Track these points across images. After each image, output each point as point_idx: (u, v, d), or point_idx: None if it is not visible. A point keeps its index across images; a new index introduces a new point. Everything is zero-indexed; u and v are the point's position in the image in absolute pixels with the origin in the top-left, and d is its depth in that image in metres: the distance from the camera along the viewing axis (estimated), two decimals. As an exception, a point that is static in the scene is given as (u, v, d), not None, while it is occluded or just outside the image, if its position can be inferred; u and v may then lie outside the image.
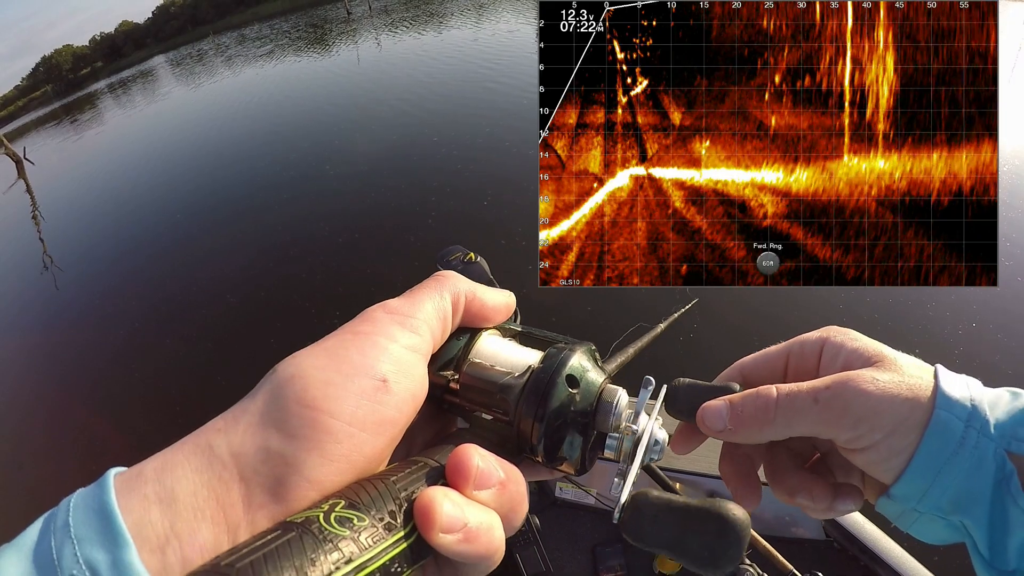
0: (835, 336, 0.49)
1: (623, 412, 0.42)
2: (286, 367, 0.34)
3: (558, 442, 0.40)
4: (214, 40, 59.11)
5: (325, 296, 6.24)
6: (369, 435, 0.33)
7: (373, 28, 29.18)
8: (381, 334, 0.37)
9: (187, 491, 0.29)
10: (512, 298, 0.46)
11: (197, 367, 6.02)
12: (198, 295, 7.33)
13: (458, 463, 0.34)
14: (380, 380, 0.35)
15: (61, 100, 65.99)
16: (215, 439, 0.31)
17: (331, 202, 8.72)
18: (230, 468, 0.30)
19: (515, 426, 0.40)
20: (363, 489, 0.31)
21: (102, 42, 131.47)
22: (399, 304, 0.40)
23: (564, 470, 0.42)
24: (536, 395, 0.40)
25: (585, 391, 0.41)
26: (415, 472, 0.34)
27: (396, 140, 10.38)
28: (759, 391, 0.46)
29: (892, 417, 0.42)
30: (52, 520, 0.28)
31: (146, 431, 5.17)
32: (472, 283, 0.44)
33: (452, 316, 0.42)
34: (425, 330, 0.39)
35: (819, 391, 0.44)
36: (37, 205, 14.01)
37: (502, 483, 0.35)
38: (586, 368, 0.42)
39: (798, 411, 0.44)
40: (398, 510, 0.31)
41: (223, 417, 0.33)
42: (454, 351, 0.43)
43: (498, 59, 14.18)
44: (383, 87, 15.21)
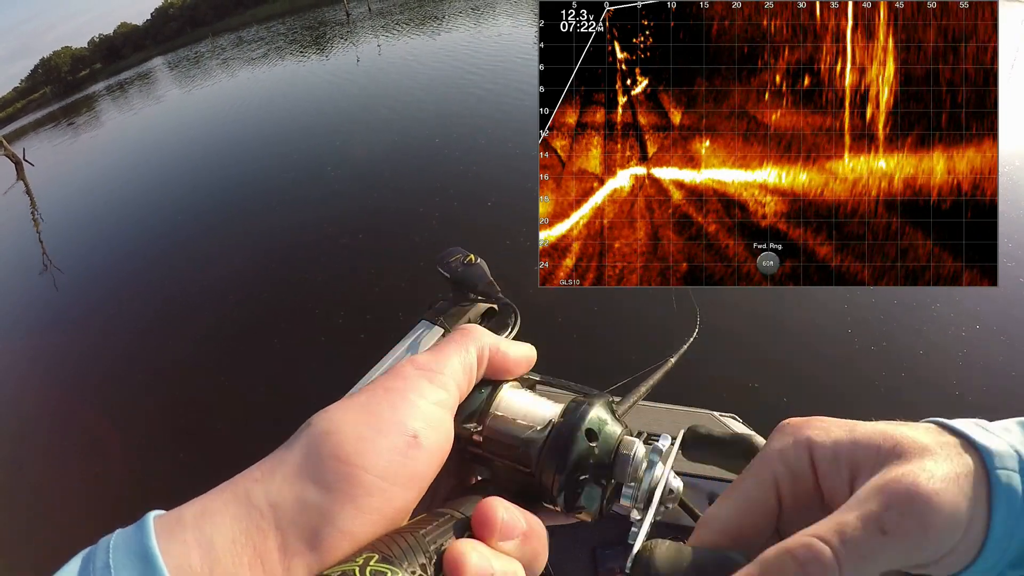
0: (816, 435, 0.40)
1: (640, 462, 0.43)
2: (320, 421, 0.36)
3: (577, 493, 0.42)
4: (213, 42, 59.10)
5: (329, 297, 6.25)
6: (400, 488, 0.35)
7: (372, 30, 29.19)
8: (411, 390, 0.38)
9: (226, 538, 0.30)
10: (533, 351, 0.47)
11: (198, 367, 6.03)
12: (199, 296, 7.34)
13: (484, 516, 0.35)
14: (411, 436, 0.36)
15: (60, 102, 65.92)
16: (253, 489, 0.32)
17: (333, 204, 8.73)
18: (268, 518, 0.31)
19: (537, 477, 0.42)
20: (395, 543, 0.33)
21: (101, 44, 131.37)
22: (427, 360, 0.41)
23: (582, 518, 0.44)
24: (558, 449, 0.41)
25: (604, 444, 0.43)
26: (443, 525, 0.35)
27: (397, 142, 10.41)
28: (795, 550, 0.33)
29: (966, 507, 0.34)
30: (91, 560, 0.29)
31: (147, 431, 5.18)
32: (496, 337, 0.45)
33: (477, 369, 0.43)
34: (452, 386, 0.41)
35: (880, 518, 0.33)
36: (36, 206, 14.00)
37: (525, 534, 0.36)
38: (604, 421, 0.43)
39: (867, 556, 0.32)
40: (428, 563, 0.32)
41: (259, 467, 0.34)
42: (477, 403, 0.44)
43: (498, 59, 14.20)
44: (382, 89, 15.25)
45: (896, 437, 0.37)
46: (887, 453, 0.37)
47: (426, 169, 8.83)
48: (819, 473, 0.39)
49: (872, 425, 0.39)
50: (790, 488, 0.40)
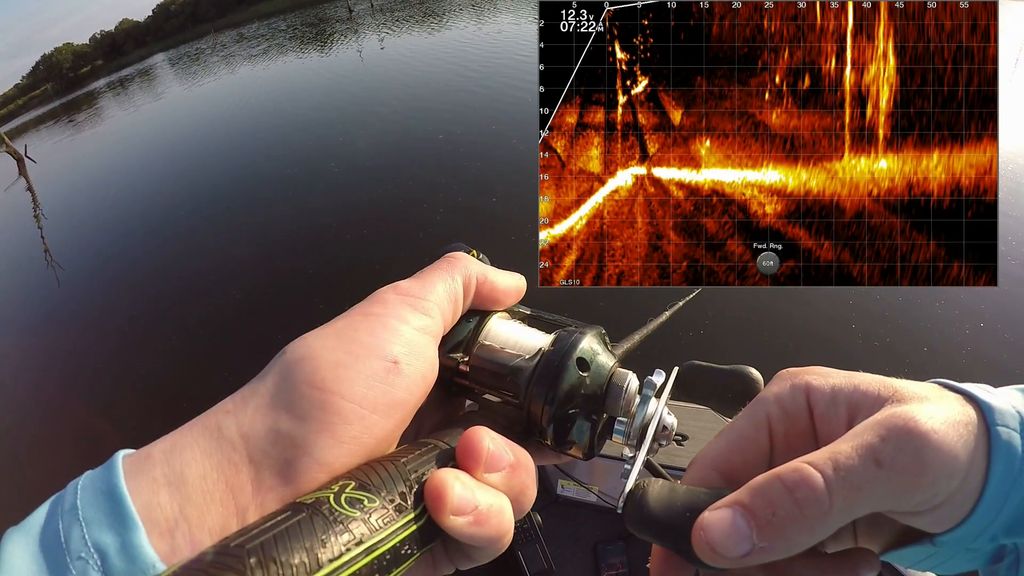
0: (815, 380, 0.39)
1: (633, 396, 0.42)
2: (296, 348, 0.34)
3: (568, 425, 0.40)
4: (215, 38, 59.01)
5: (333, 291, 6.24)
6: (380, 416, 0.33)
7: (375, 26, 29.14)
8: (392, 316, 0.37)
9: (196, 473, 0.29)
10: (523, 281, 0.46)
11: (201, 362, 6.05)
12: (201, 291, 7.35)
13: (468, 445, 0.34)
14: (391, 362, 0.35)
15: (61, 98, 65.91)
16: (224, 421, 0.31)
17: (336, 198, 8.73)
18: (239, 450, 0.30)
19: (525, 408, 0.40)
20: (373, 471, 0.32)
21: (102, 40, 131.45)
22: (410, 286, 0.40)
23: (573, 454, 0.42)
24: (547, 378, 0.40)
25: (595, 374, 0.41)
26: (425, 454, 0.34)
27: (399, 138, 10.40)
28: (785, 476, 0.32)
29: (966, 454, 0.33)
30: (60, 503, 0.28)
31: (149, 426, 5.13)
32: (483, 265, 0.44)
33: (463, 298, 0.42)
34: (436, 312, 0.39)
35: (876, 450, 0.32)
36: (38, 203, 14.01)
37: (512, 466, 0.35)
38: (596, 351, 0.42)
39: (860, 487, 0.31)
40: (408, 492, 0.31)
41: (232, 399, 0.33)
42: (464, 333, 0.43)
43: (499, 57, 14.17)
44: (385, 85, 15.22)
45: (896, 386, 0.36)
46: (886, 398, 0.36)
47: (430, 165, 8.83)
48: (815, 415, 0.38)
49: (872, 376, 0.38)
50: (783, 428, 0.39)
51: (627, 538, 2.28)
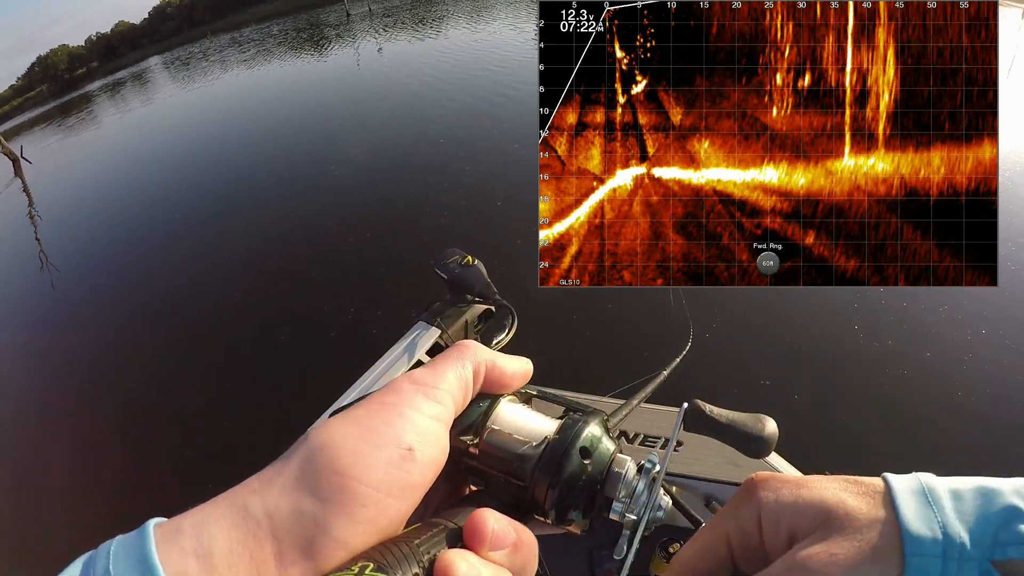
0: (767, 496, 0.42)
1: (631, 481, 0.44)
2: (317, 435, 0.36)
3: (568, 506, 0.43)
4: (211, 41, 59.04)
5: (337, 293, 6.23)
6: (394, 500, 0.36)
7: (373, 31, 29.19)
8: (407, 405, 0.39)
9: (223, 547, 0.31)
10: (530, 365, 0.48)
11: (197, 363, 6.02)
12: (199, 293, 7.34)
13: (475, 526, 0.36)
14: (406, 449, 0.37)
15: (57, 100, 65.83)
16: (250, 499, 0.33)
17: (338, 203, 8.73)
18: (264, 527, 0.32)
19: (530, 491, 0.43)
20: (388, 552, 0.33)
21: (98, 42, 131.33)
22: (423, 375, 0.42)
23: (572, 530, 0.45)
24: (551, 465, 0.42)
25: (597, 461, 0.44)
26: (436, 535, 0.36)
27: (399, 142, 10.41)
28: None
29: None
30: (91, 566, 0.30)
31: (145, 429, 5.17)
32: (492, 352, 0.46)
33: (473, 384, 0.44)
34: (448, 400, 0.41)
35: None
36: (34, 204, 14.00)
37: (515, 544, 0.37)
38: (599, 439, 0.45)
39: None
40: (421, 572, 0.33)
41: (257, 478, 0.35)
42: (474, 417, 0.45)
43: (500, 59, 14.22)
44: (384, 89, 15.22)
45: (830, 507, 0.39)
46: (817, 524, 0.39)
47: (432, 169, 8.83)
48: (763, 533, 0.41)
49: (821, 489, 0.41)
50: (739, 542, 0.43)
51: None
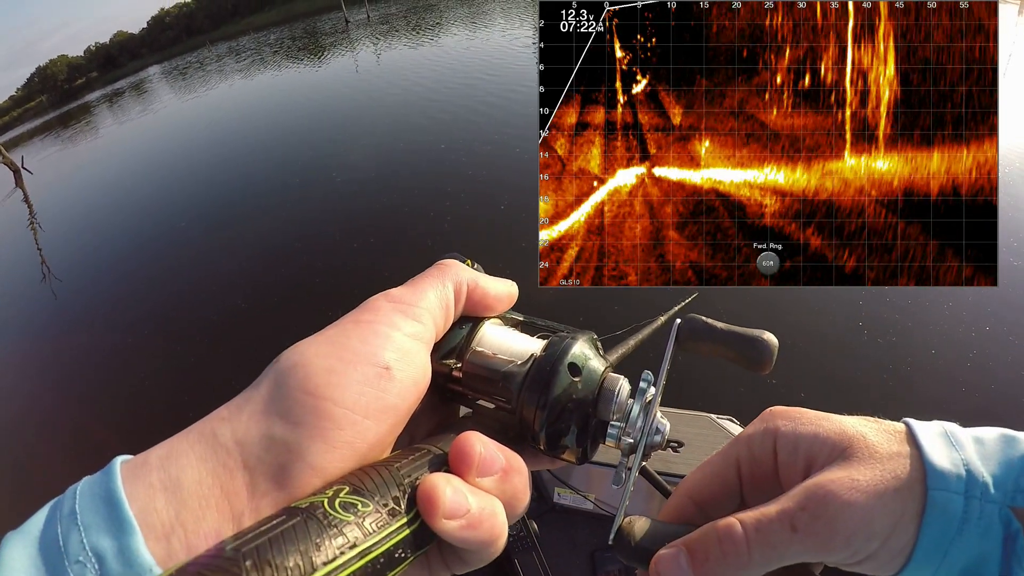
0: (784, 426, 0.42)
1: (625, 400, 0.42)
2: (288, 356, 0.35)
3: (560, 430, 0.41)
4: (210, 50, 59.22)
5: (341, 299, 6.21)
6: (372, 422, 0.34)
7: (372, 38, 29.27)
8: (383, 322, 0.37)
9: (192, 479, 0.29)
10: (514, 287, 0.47)
11: (202, 372, 6.01)
12: (203, 301, 7.33)
13: (460, 450, 0.34)
14: (383, 367, 0.35)
15: (56, 110, 65.94)
16: (219, 427, 0.32)
17: (341, 209, 8.74)
18: (234, 456, 0.31)
19: (517, 414, 0.41)
20: (367, 476, 0.32)
21: (97, 52, 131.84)
22: (401, 293, 0.40)
23: (566, 459, 0.43)
24: (539, 383, 0.40)
25: (587, 379, 0.42)
26: (418, 459, 0.34)
27: (401, 148, 10.43)
28: (720, 529, 0.38)
29: (886, 520, 0.36)
30: (58, 508, 0.29)
31: (147, 436, 5.11)
32: (474, 272, 0.44)
33: (455, 305, 0.43)
34: (428, 318, 0.40)
35: (794, 516, 0.37)
36: (35, 214, 14.01)
37: (504, 470, 0.35)
38: (588, 356, 0.42)
39: (775, 546, 0.37)
40: (402, 496, 0.32)
41: (227, 406, 0.33)
42: (456, 340, 0.43)
43: (499, 62, 14.27)
44: (384, 95, 15.25)
45: (852, 438, 0.39)
46: (838, 453, 0.39)
47: (434, 174, 8.85)
48: (778, 461, 0.42)
49: (841, 422, 0.41)
50: (749, 469, 0.43)
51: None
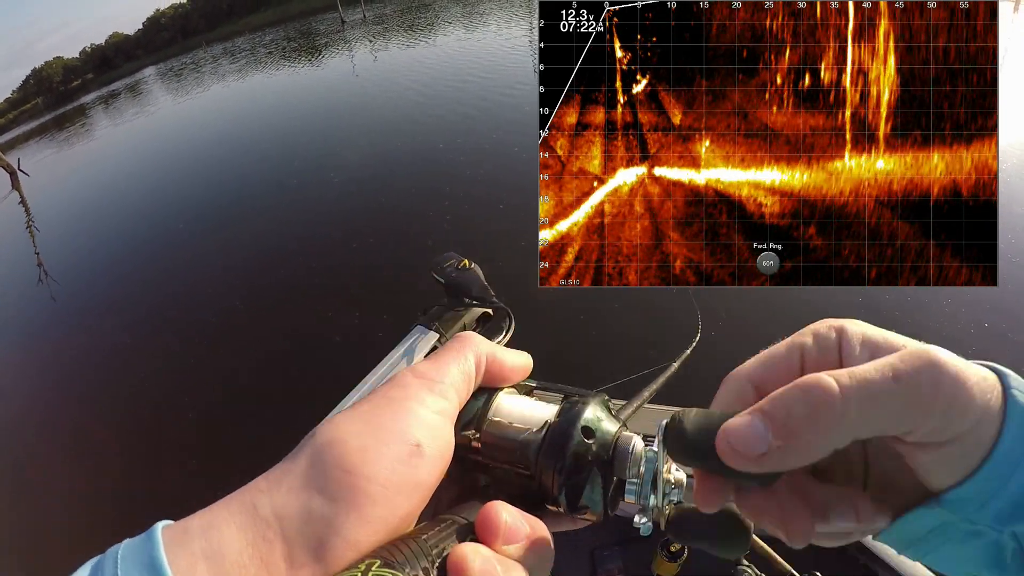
0: (850, 325, 0.40)
1: (640, 456, 0.43)
2: (324, 432, 0.36)
3: (579, 491, 0.42)
4: (206, 51, 59.15)
5: (343, 298, 6.21)
6: (403, 497, 0.35)
7: (369, 37, 29.26)
8: (412, 399, 0.39)
9: (232, 549, 0.30)
10: (529, 359, 0.48)
11: (201, 373, 5.99)
12: (201, 302, 7.32)
13: (487, 520, 0.35)
14: (414, 445, 0.36)
15: (52, 112, 65.91)
16: (259, 499, 0.33)
17: (339, 209, 8.73)
18: (274, 528, 0.32)
19: (537, 479, 0.42)
20: (397, 549, 0.33)
21: (93, 54, 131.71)
22: (427, 369, 0.42)
23: (587, 518, 0.44)
24: (555, 448, 0.41)
25: (601, 440, 0.43)
26: (445, 530, 0.35)
27: (398, 148, 10.42)
28: (805, 384, 0.35)
29: (981, 400, 0.34)
30: (100, 569, 0.29)
31: (148, 438, 5.16)
32: (492, 345, 0.46)
33: (474, 377, 0.44)
34: (452, 394, 0.41)
35: (895, 367, 0.34)
36: (32, 216, 13.99)
37: (529, 537, 0.37)
38: (600, 419, 0.44)
39: (875, 397, 0.33)
40: (431, 567, 0.32)
41: (265, 478, 0.34)
42: (474, 411, 0.44)
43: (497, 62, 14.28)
44: (381, 95, 15.25)
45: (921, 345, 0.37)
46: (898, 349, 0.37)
47: (432, 173, 8.85)
48: (843, 354, 0.39)
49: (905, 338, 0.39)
50: (814, 359, 0.40)
51: (623, 543, 2.27)
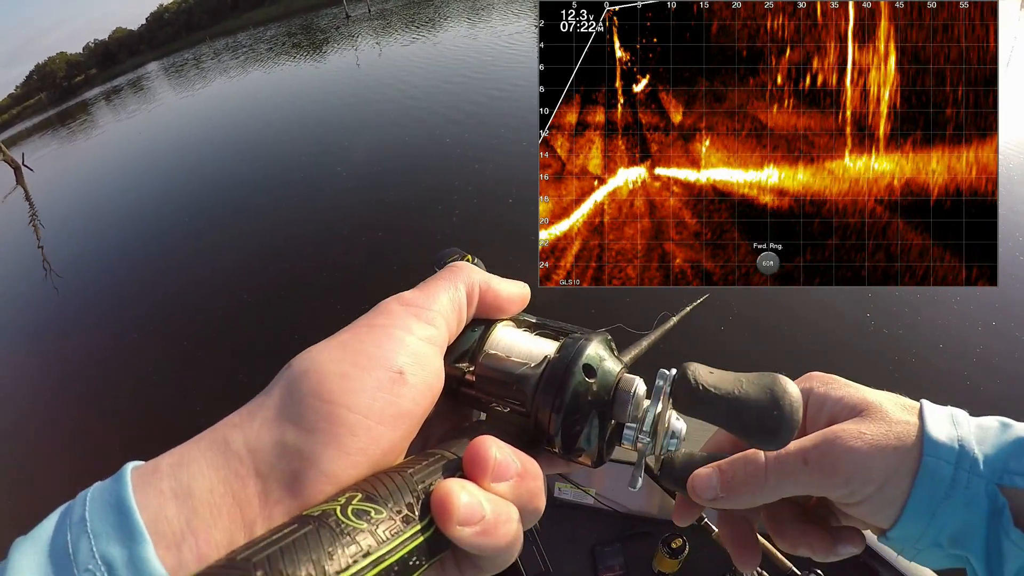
0: (818, 387, 0.49)
1: (641, 401, 0.42)
2: (301, 361, 0.34)
3: (576, 433, 0.40)
4: (210, 46, 59.11)
5: (350, 292, 6.21)
6: (386, 428, 0.33)
7: (373, 32, 29.21)
8: (397, 326, 0.37)
9: (203, 487, 0.29)
10: (527, 289, 0.46)
11: (206, 367, 6.00)
12: (207, 297, 7.33)
13: (475, 455, 0.34)
14: (396, 372, 0.34)
15: (56, 107, 65.97)
16: (231, 434, 0.31)
17: (347, 204, 8.71)
18: (246, 463, 0.30)
19: (532, 417, 0.40)
20: (380, 482, 0.31)
21: (96, 49, 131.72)
22: (414, 296, 0.39)
23: (582, 462, 0.42)
24: (553, 385, 0.39)
25: (602, 380, 0.41)
26: (432, 464, 0.34)
27: (405, 142, 10.40)
28: (747, 456, 0.46)
29: (881, 470, 0.43)
30: (68, 514, 0.28)
31: (150, 434, 5.16)
32: (486, 274, 0.44)
33: (467, 307, 0.42)
34: (441, 322, 0.39)
35: (807, 452, 0.45)
36: (36, 211, 14.01)
37: (520, 475, 0.35)
38: (603, 357, 0.42)
39: (788, 474, 0.45)
40: (415, 503, 0.31)
41: (239, 413, 0.32)
42: (469, 342, 0.43)
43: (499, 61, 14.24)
44: (387, 90, 15.21)
45: (870, 403, 0.46)
46: (855, 413, 0.46)
47: (441, 168, 8.82)
48: (807, 414, 0.48)
49: (866, 390, 0.48)
50: None
51: (624, 540, 2.27)
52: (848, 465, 0.43)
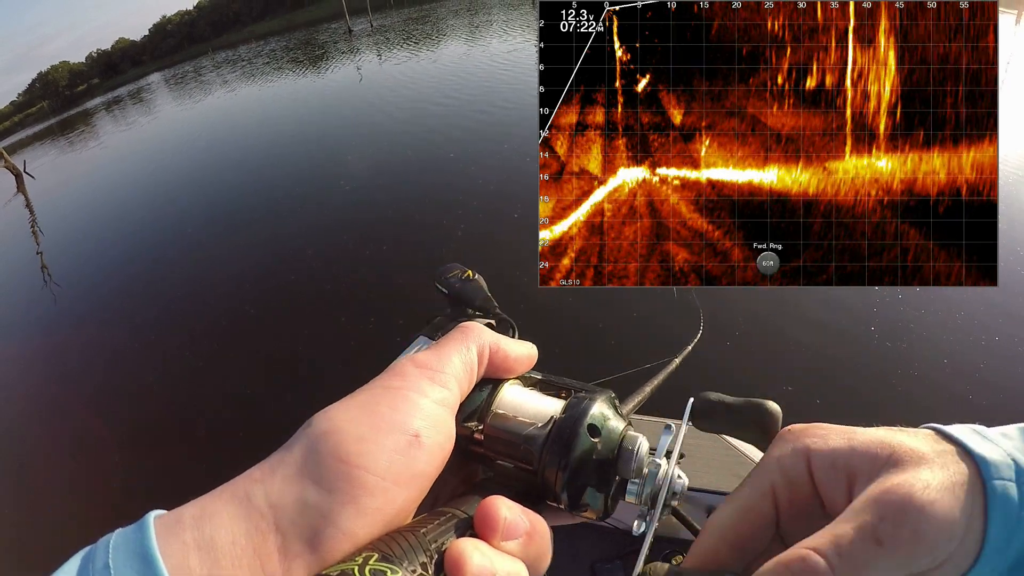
0: (814, 443, 0.40)
1: (644, 458, 0.43)
2: (321, 421, 0.35)
3: (581, 489, 0.41)
4: (212, 58, 59.39)
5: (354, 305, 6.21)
6: (401, 488, 0.34)
7: (376, 46, 29.38)
8: (412, 389, 0.38)
9: (225, 539, 0.30)
10: (534, 350, 0.47)
11: (206, 378, 5.99)
12: (209, 308, 7.34)
13: (486, 515, 0.35)
14: (412, 435, 0.36)
15: (58, 116, 66.22)
16: (253, 489, 0.32)
17: (350, 217, 8.74)
18: (268, 518, 0.31)
19: (539, 475, 0.41)
20: (395, 542, 0.32)
21: (99, 59, 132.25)
22: (428, 358, 0.41)
23: (587, 516, 0.43)
24: (559, 445, 0.41)
25: (607, 439, 0.42)
26: (444, 524, 0.35)
27: (408, 157, 10.44)
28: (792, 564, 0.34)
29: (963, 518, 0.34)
30: (91, 560, 0.29)
31: (151, 443, 5.16)
32: (496, 335, 0.45)
33: (477, 368, 0.43)
34: (453, 384, 0.40)
35: (876, 528, 0.34)
36: (36, 218, 14.03)
37: (528, 533, 0.36)
38: (607, 417, 0.43)
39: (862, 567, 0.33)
40: (429, 562, 0.32)
41: (260, 467, 0.34)
42: (478, 402, 0.44)
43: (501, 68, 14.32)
44: (388, 103, 15.28)
45: (893, 445, 0.38)
46: (884, 461, 0.37)
47: (445, 183, 8.86)
48: (816, 480, 0.39)
49: (870, 432, 0.40)
50: (787, 496, 0.40)
51: (624, 557, 2.27)
52: (932, 527, 0.34)
